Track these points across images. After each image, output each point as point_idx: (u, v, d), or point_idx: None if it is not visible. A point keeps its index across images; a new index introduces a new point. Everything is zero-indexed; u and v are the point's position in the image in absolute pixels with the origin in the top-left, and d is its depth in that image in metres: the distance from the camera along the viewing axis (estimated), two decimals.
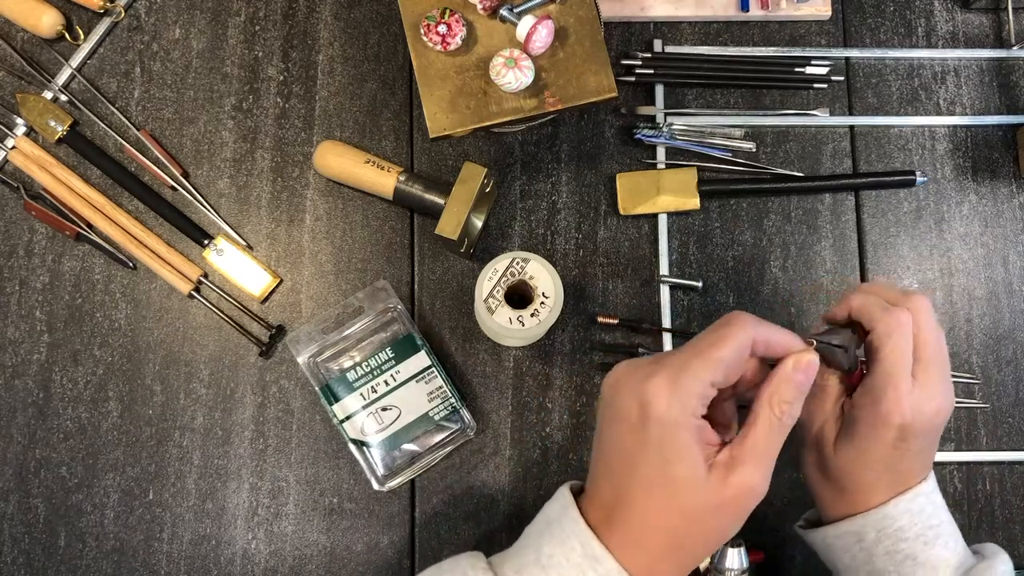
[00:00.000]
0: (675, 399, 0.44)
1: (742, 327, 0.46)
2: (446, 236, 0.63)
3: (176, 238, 0.71)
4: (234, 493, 0.67)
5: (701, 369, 0.44)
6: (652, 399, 0.44)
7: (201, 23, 0.74)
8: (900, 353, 0.49)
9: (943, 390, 0.50)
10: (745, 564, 0.61)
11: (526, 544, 0.48)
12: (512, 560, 0.47)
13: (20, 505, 0.67)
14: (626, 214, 0.71)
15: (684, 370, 0.44)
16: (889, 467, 0.50)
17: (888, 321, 0.49)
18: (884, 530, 0.50)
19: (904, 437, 0.49)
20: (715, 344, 0.45)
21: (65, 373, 0.68)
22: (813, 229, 0.73)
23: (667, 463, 0.44)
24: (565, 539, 0.46)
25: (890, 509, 0.50)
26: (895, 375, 0.48)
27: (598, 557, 0.44)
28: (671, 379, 0.44)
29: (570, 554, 0.45)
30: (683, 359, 0.45)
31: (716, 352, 0.45)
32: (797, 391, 0.46)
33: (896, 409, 0.48)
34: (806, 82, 0.74)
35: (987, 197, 0.74)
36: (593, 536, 0.45)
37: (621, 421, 0.46)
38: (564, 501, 0.48)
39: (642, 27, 0.75)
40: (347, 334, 0.67)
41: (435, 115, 0.62)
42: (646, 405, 0.44)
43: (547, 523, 0.48)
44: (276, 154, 0.72)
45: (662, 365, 0.45)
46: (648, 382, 0.45)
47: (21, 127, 0.71)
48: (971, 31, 0.77)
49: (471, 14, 0.63)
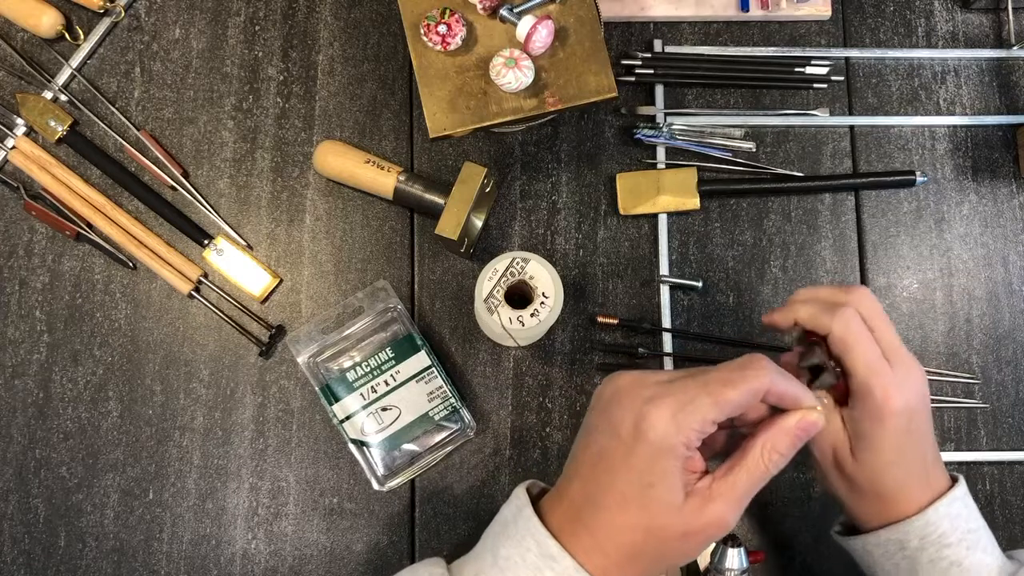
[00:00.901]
0: (673, 429, 0.43)
1: (760, 375, 0.45)
2: (446, 236, 0.63)
3: (176, 238, 0.71)
4: (234, 493, 0.67)
5: (708, 407, 0.44)
6: (650, 423, 0.44)
7: (201, 23, 0.74)
8: (866, 348, 0.49)
9: (914, 363, 0.51)
10: (745, 564, 0.60)
11: (484, 548, 0.48)
12: (470, 564, 0.47)
13: (20, 505, 0.67)
14: (626, 214, 0.71)
15: (691, 403, 0.44)
16: (913, 457, 0.51)
17: (841, 322, 0.49)
18: (927, 537, 0.50)
19: (910, 418, 0.50)
20: (729, 384, 0.44)
21: (65, 373, 0.68)
22: (813, 229, 0.73)
23: (648, 485, 0.44)
24: (521, 539, 0.46)
25: (931, 515, 0.50)
26: (873, 369, 0.49)
27: (554, 556, 0.44)
28: (675, 409, 0.44)
29: (526, 554, 0.45)
30: (692, 392, 0.44)
31: (728, 393, 0.44)
32: (792, 446, 0.46)
33: (890, 396, 0.49)
34: (806, 82, 0.74)
35: (987, 197, 0.74)
36: (549, 535, 0.45)
37: (612, 432, 0.45)
38: (519, 502, 0.48)
39: (642, 27, 0.75)
40: (347, 334, 0.67)
41: (435, 115, 0.62)
42: (642, 426, 0.44)
43: (503, 524, 0.48)
44: (276, 154, 0.72)
45: (669, 392, 0.45)
46: (651, 405, 0.44)
47: (21, 127, 0.71)
48: (971, 31, 0.77)
49: (471, 14, 0.63)
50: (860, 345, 0.49)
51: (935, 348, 0.71)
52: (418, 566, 0.49)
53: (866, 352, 0.49)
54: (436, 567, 0.48)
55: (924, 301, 0.72)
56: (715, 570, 0.60)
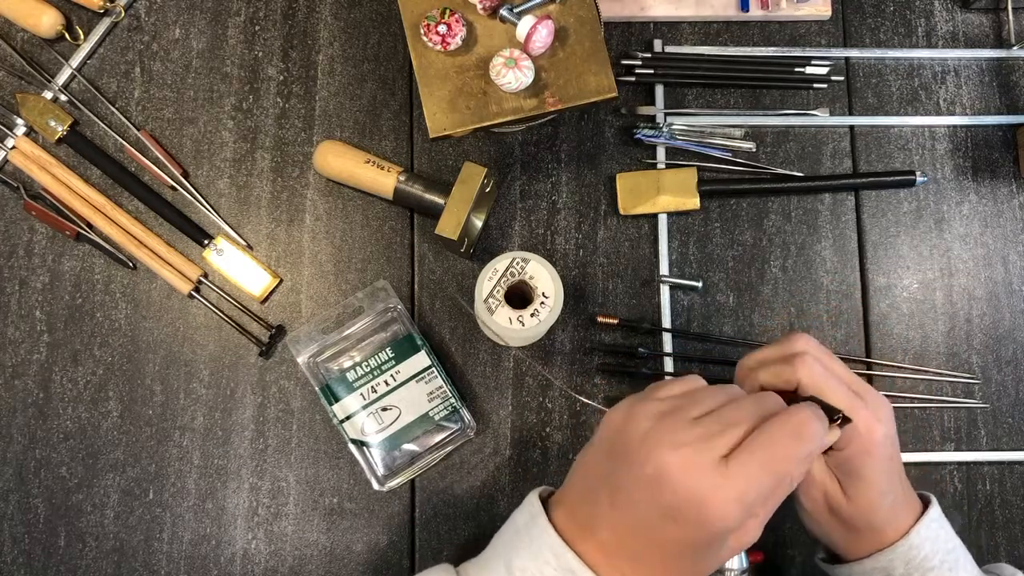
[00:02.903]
0: (743, 516, 0.41)
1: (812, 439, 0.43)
2: (446, 236, 0.63)
3: (176, 238, 0.71)
4: (234, 493, 0.67)
5: (787, 488, 0.42)
6: (719, 514, 0.40)
7: (201, 23, 0.74)
8: (836, 387, 0.49)
9: (872, 388, 0.51)
10: (745, 564, 0.61)
11: (494, 554, 0.46)
12: (483, 573, 0.46)
13: (20, 505, 0.67)
14: (626, 214, 0.71)
15: (763, 487, 0.41)
16: (898, 482, 0.51)
17: (805, 369, 0.49)
18: (911, 561, 0.51)
19: (892, 443, 0.50)
20: (786, 459, 0.41)
21: (65, 373, 0.68)
22: (813, 229, 0.73)
23: (670, 520, 0.41)
24: (537, 551, 0.44)
25: (913, 538, 0.51)
26: (847, 406, 0.49)
27: (574, 570, 0.42)
28: (747, 498, 0.40)
29: (544, 568, 0.43)
30: (758, 473, 0.41)
31: (801, 450, 0.42)
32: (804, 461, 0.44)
33: (873, 428, 0.49)
34: (806, 82, 0.74)
35: (987, 197, 0.74)
36: (567, 547, 0.43)
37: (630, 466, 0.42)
38: (533, 509, 0.46)
39: (642, 27, 0.75)
40: (347, 334, 0.67)
41: (435, 115, 0.62)
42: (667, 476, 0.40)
43: (515, 532, 0.46)
44: (276, 154, 0.72)
45: (709, 447, 0.41)
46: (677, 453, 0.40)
47: (21, 127, 0.71)
48: (971, 31, 0.77)
49: (471, 14, 0.63)
50: (830, 386, 0.49)
51: (935, 348, 0.71)
52: (429, 572, 0.48)
53: (837, 391, 0.49)
54: (446, 574, 0.47)
55: (924, 301, 0.72)
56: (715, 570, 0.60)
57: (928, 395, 0.70)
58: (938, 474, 0.69)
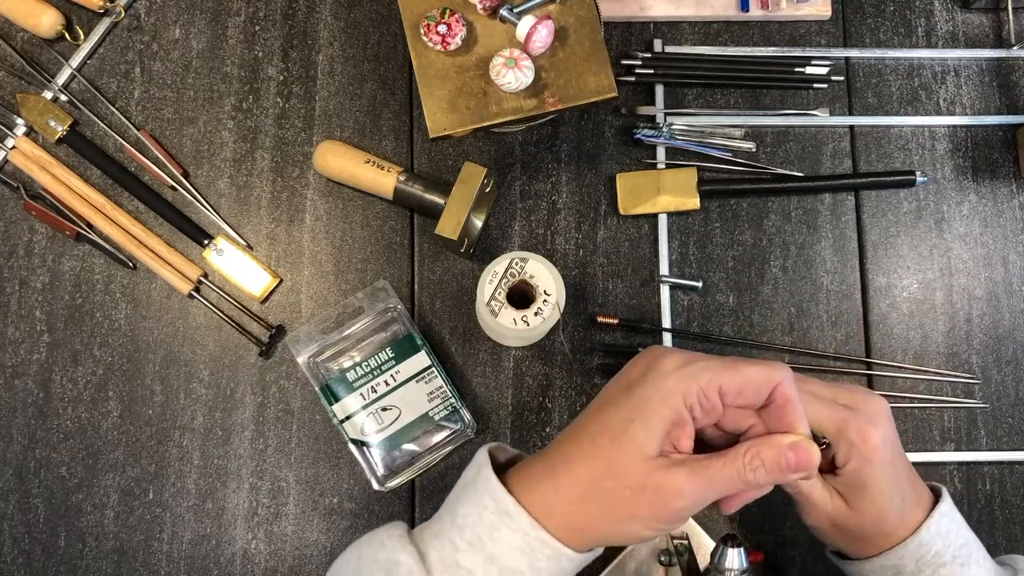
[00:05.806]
0: (679, 376, 0.45)
1: (778, 368, 0.46)
2: (446, 236, 0.63)
3: (176, 238, 0.71)
4: (234, 493, 0.67)
5: (720, 369, 0.45)
6: (659, 366, 0.46)
7: (201, 23, 0.74)
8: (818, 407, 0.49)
9: (860, 388, 0.52)
10: (745, 564, 0.60)
11: (444, 509, 0.49)
12: (431, 526, 0.48)
13: (20, 505, 0.67)
14: (626, 214, 0.71)
15: (705, 362, 0.46)
16: (904, 480, 0.51)
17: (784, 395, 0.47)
18: (922, 558, 0.50)
19: (891, 443, 0.50)
20: (748, 363, 0.46)
21: (65, 373, 0.68)
22: (813, 229, 0.73)
23: (629, 420, 0.45)
24: (479, 498, 0.46)
25: (923, 535, 0.50)
26: (839, 419, 0.49)
27: (511, 512, 0.45)
28: (689, 360, 0.46)
29: (483, 512, 0.46)
30: (709, 358, 0.46)
31: (743, 368, 0.45)
32: (776, 464, 0.45)
33: (867, 434, 0.49)
34: (806, 82, 0.74)
35: (987, 197, 0.74)
36: (506, 492, 0.45)
37: (621, 376, 0.48)
38: (479, 461, 0.48)
39: (642, 27, 0.75)
40: (347, 334, 0.67)
41: (435, 115, 0.62)
42: (650, 368, 0.46)
43: (464, 485, 0.49)
44: (276, 154, 0.72)
45: (688, 352, 0.47)
46: (667, 352, 0.47)
47: (21, 127, 0.71)
48: (971, 31, 0.77)
49: (471, 14, 0.63)
50: (813, 408, 0.49)
51: (935, 348, 0.71)
52: (379, 530, 0.49)
53: (822, 411, 0.49)
54: (396, 529, 0.49)
55: (924, 301, 0.72)
56: (715, 570, 0.60)
57: (928, 395, 0.70)
58: (938, 474, 0.69)
